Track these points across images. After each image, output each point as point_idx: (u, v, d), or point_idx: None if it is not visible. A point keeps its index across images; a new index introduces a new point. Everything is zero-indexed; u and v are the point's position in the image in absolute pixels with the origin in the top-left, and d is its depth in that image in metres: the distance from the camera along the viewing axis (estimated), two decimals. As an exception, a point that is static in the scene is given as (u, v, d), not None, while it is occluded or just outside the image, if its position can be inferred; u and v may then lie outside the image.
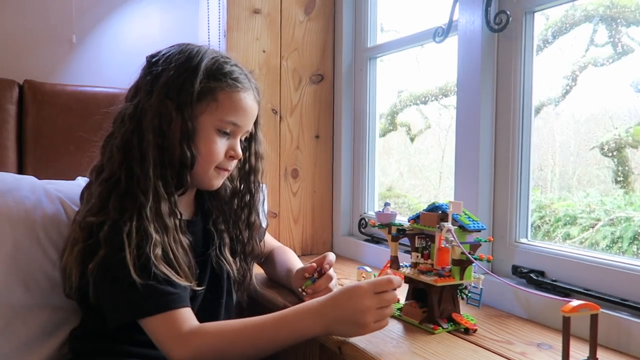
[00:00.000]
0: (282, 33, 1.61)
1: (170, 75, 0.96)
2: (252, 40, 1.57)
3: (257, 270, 1.33)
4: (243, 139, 1.06)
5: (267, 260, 1.28)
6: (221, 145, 1.00)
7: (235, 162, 1.04)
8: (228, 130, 1.00)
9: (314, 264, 1.09)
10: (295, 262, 1.21)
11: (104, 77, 1.63)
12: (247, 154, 1.10)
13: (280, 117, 1.62)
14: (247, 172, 1.11)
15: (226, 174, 1.04)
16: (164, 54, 1.00)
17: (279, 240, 1.42)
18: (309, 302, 0.89)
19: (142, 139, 0.94)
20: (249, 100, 1.01)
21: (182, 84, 0.95)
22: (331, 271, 1.08)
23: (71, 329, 1.06)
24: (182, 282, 0.90)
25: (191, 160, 0.96)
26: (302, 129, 1.65)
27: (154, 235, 0.90)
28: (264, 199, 1.16)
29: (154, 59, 1.00)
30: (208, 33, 1.58)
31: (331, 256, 1.10)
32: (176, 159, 0.96)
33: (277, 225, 1.62)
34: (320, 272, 1.08)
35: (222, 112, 0.98)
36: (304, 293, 1.06)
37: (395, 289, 0.88)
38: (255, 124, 1.08)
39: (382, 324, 0.87)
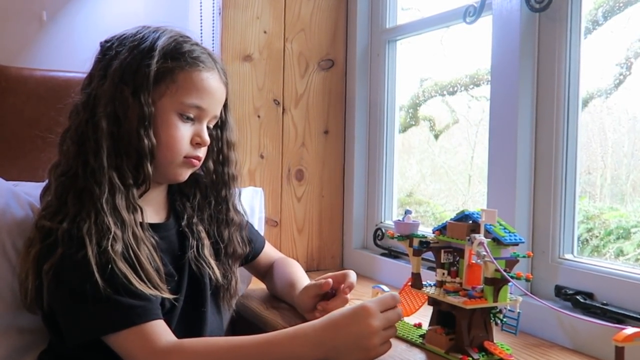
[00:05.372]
0: (287, 11, 1.61)
1: (124, 58, 1.01)
2: (252, 19, 1.57)
3: (259, 286, 1.34)
4: (211, 126, 1.10)
5: (268, 274, 1.30)
6: (184, 131, 1.03)
7: (203, 150, 1.07)
8: (192, 115, 1.03)
9: (330, 280, 1.11)
10: (300, 276, 1.23)
11: (78, 60, 1.61)
12: (220, 144, 1.14)
13: (284, 109, 1.62)
14: (221, 164, 1.15)
15: (197, 164, 1.07)
16: (117, 37, 1.05)
17: (280, 253, 1.43)
18: (304, 326, 0.92)
19: (97, 128, 0.98)
20: (213, 81, 1.05)
21: (138, 66, 1.00)
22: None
23: (39, 352, 1.07)
24: (144, 289, 0.92)
25: (150, 149, 0.99)
26: (309, 123, 1.65)
27: (113, 228, 0.93)
28: (239, 193, 1.20)
29: (107, 44, 1.05)
30: (200, 10, 1.59)
31: (353, 277, 1.12)
32: (133, 149, 0.99)
33: (278, 236, 1.63)
34: (332, 292, 1.09)
35: (183, 94, 1.02)
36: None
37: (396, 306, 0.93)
38: (225, 109, 1.12)
39: (387, 346, 0.91)
